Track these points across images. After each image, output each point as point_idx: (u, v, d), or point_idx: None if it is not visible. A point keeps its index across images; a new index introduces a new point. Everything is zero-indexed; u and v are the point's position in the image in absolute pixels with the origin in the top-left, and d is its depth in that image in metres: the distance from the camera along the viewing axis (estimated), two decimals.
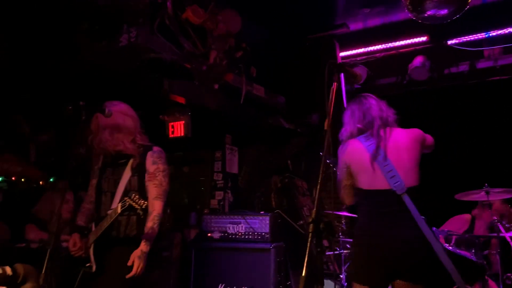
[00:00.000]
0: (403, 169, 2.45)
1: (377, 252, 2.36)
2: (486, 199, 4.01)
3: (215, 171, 5.63)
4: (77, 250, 2.91)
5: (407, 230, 2.35)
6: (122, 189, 2.89)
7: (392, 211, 2.40)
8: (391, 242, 2.35)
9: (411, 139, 2.55)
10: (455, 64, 5.35)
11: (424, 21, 4.28)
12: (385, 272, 2.37)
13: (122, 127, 2.95)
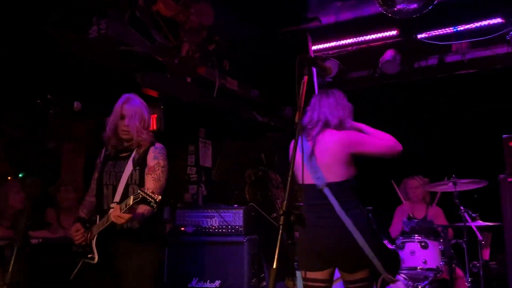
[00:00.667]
0: (325, 167, 2.66)
1: (309, 242, 2.63)
2: (453, 190, 4.12)
3: (188, 165, 5.60)
4: (80, 237, 2.94)
5: (330, 221, 2.58)
6: (124, 182, 2.93)
7: (317, 204, 2.65)
8: (318, 232, 2.61)
9: (335, 142, 2.70)
10: (425, 58, 5.44)
11: (394, 15, 4.34)
12: (321, 259, 2.64)
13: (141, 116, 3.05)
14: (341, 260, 2.61)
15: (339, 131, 2.75)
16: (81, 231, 2.97)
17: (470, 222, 4.04)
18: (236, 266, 4.32)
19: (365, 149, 2.74)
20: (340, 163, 2.67)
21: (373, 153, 2.76)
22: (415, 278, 4.07)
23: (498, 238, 4.18)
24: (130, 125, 3.00)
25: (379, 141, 2.79)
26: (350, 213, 2.56)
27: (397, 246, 4.14)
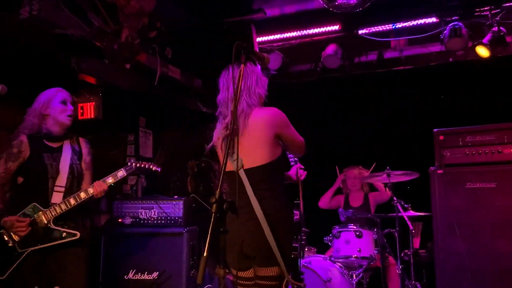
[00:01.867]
0: (244, 149, 2.35)
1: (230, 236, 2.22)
2: (387, 181, 4.28)
3: (127, 155, 5.45)
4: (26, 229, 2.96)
5: (244, 211, 2.31)
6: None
7: (235, 192, 2.34)
8: (236, 225, 2.31)
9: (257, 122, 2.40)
10: (365, 53, 5.59)
11: (335, 9, 4.42)
12: (242, 257, 2.36)
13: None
14: (255, 253, 2.33)
15: (262, 108, 2.47)
16: (26, 221, 2.93)
17: (402, 212, 4.21)
18: (175, 257, 4.27)
19: (289, 133, 2.47)
20: (262, 145, 2.37)
21: (293, 141, 2.52)
22: (350, 267, 4.19)
23: (428, 227, 4.40)
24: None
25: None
26: (264, 203, 2.30)
27: (333, 235, 4.25)
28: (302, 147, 2.63)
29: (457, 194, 4.12)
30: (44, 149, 3.08)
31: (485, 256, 3.97)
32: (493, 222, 3.99)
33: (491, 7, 4.78)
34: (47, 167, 3.03)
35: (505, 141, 4.07)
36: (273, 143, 2.41)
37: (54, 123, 3.12)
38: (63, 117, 3.14)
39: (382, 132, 5.70)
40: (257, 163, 2.37)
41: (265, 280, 2.33)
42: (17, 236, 2.94)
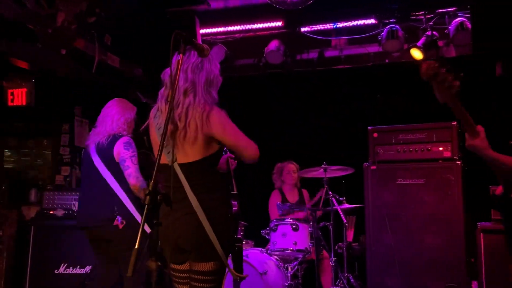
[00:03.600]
0: (179, 143, 2.28)
1: (164, 229, 2.22)
2: (324, 176, 4.39)
3: (62, 145, 5.23)
4: None
5: (180, 206, 2.23)
6: None
7: (170, 186, 2.27)
8: (170, 219, 2.25)
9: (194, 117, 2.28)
10: (307, 51, 5.69)
11: (279, 5, 4.48)
12: (177, 250, 2.31)
13: None
14: (191, 248, 2.27)
15: (204, 104, 2.32)
16: None
17: (337, 206, 4.34)
18: None
19: (226, 135, 2.33)
20: (194, 141, 2.27)
21: (232, 145, 2.39)
22: (286, 259, 4.27)
23: (362, 221, 4.57)
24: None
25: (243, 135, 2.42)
26: (201, 197, 2.24)
27: (271, 228, 4.31)
28: (248, 152, 2.40)
29: (389, 189, 4.32)
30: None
31: (413, 249, 4.18)
32: (421, 217, 4.21)
33: (425, 12, 5.02)
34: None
35: (434, 139, 4.30)
36: (207, 141, 2.30)
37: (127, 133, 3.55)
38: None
39: (320, 128, 5.84)
40: (190, 158, 2.28)
41: (200, 275, 2.29)
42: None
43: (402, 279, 4.15)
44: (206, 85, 2.39)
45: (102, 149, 3.31)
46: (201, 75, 2.38)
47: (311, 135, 5.84)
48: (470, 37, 4.72)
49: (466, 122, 2.06)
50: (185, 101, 2.32)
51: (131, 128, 3.58)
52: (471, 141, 2.08)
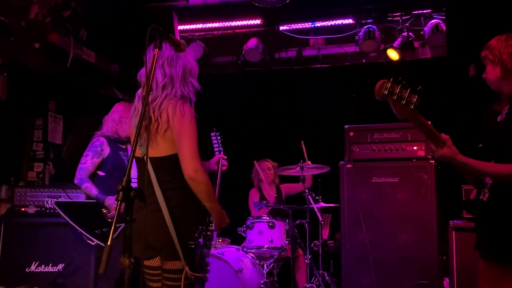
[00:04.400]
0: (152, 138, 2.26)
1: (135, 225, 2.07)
2: (300, 174, 4.41)
3: (34, 141, 5.12)
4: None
5: (149, 200, 2.16)
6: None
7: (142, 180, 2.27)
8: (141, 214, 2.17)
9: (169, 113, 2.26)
10: (285, 49, 5.72)
11: (258, 3, 4.48)
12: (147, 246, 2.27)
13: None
14: (160, 246, 2.25)
15: (178, 100, 2.30)
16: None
17: (313, 204, 4.36)
18: (83, 248, 4.08)
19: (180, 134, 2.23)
20: (164, 136, 2.25)
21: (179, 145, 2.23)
22: (262, 257, 4.28)
23: (337, 219, 4.61)
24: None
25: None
26: (168, 194, 2.22)
27: (247, 226, 4.31)
28: (185, 165, 2.22)
29: (364, 188, 4.36)
30: (118, 148, 3.77)
31: (387, 246, 4.23)
32: (395, 215, 4.26)
33: (402, 13, 5.10)
34: (125, 161, 3.72)
35: (409, 139, 4.36)
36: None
37: (123, 132, 3.75)
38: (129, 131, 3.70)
39: (298, 126, 5.87)
40: (161, 153, 2.26)
41: (169, 273, 2.27)
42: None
43: (376, 276, 4.19)
44: (183, 77, 2.38)
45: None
46: (178, 67, 2.37)
47: (287, 133, 5.86)
48: (445, 39, 4.82)
49: (429, 134, 2.05)
50: (162, 94, 2.31)
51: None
52: (439, 152, 2.08)
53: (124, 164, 3.71)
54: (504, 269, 2.11)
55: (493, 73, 2.19)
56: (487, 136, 2.24)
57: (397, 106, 1.93)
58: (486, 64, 2.23)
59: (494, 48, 2.18)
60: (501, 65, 2.15)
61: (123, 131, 3.75)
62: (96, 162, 3.67)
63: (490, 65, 2.20)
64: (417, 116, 1.97)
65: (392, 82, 1.91)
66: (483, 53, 2.24)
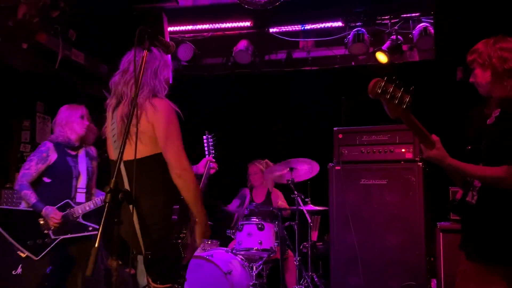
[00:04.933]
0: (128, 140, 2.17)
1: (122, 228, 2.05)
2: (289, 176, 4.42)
3: (22, 142, 5.06)
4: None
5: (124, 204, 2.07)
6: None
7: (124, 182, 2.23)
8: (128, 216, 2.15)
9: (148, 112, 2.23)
10: (275, 51, 5.73)
11: (247, 5, 4.48)
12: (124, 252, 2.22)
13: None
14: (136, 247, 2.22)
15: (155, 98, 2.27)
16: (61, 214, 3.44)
17: (302, 206, 4.38)
18: None
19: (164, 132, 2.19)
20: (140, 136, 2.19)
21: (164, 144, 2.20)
22: (251, 259, 4.28)
23: (326, 220, 4.62)
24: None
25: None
26: (139, 201, 2.16)
27: (236, 228, 4.31)
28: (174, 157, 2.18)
29: (352, 190, 4.39)
30: (66, 154, 3.56)
31: (375, 248, 4.26)
32: (383, 217, 4.30)
33: (390, 16, 5.14)
34: (72, 169, 3.54)
35: (397, 141, 4.40)
36: (153, 137, 2.21)
37: (73, 133, 3.57)
38: (79, 129, 3.58)
39: (287, 128, 5.88)
40: (132, 156, 2.11)
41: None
42: (51, 224, 3.40)
43: (365, 277, 4.22)
44: (153, 76, 2.34)
45: None
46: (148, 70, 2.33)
47: (277, 135, 5.87)
48: (433, 42, 4.86)
49: (420, 135, 2.07)
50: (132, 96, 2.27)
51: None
52: (428, 153, 2.10)
53: (71, 171, 3.53)
54: (492, 270, 2.13)
55: (483, 76, 2.19)
56: (476, 139, 2.26)
57: (390, 105, 1.95)
58: (474, 68, 2.22)
59: (482, 52, 2.18)
60: (491, 68, 2.15)
61: (72, 134, 3.56)
62: (40, 168, 3.46)
63: (480, 69, 2.20)
64: (408, 116, 1.99)
65: (386, 81, 1.92)
66: (470, 57, 2.24)
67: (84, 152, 3.67)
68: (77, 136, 3.58)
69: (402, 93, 1.93)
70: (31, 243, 3.38)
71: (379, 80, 1.92)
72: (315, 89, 5.63)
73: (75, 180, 3.55)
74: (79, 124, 3.59)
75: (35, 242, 3.38)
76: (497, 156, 2.11)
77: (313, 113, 5.70)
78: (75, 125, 3.57)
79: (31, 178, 3.45)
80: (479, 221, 2.19)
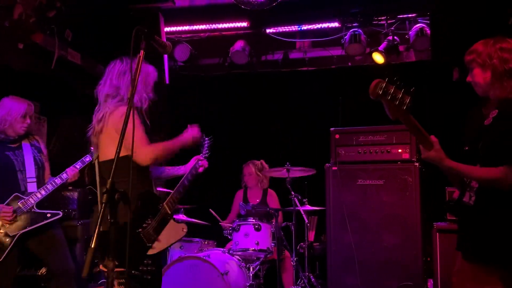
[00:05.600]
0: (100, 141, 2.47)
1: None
2: (286, 176, 4.42)
3: None
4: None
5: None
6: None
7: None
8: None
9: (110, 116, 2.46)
10: (271, 52, 5.73)
11: (244, 5, 4.48)
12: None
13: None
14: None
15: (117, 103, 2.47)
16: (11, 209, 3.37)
17: (299, 206, 4.38)
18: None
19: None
20: (108, 138, 2.39)
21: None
22: (248, 259, 4.27)
23: (323, 221, 4.63)
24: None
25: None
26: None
27: (233, 228, 4.30)
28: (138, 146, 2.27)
29: (349, 190, 4.39)
30: (6, 149, 3.45)
31: (372, 248, 4.27)
32: (380, 217, 4.30)
33: (387, 17, 5.15)
34: (14, 162, 3.43)
35: (394, 141, 4.41)
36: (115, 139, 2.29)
37: (12, 131, 3.45)
38: (19, 128, 3.48)
39: (285, 128, 5.88)
40: (103, 157, 2.36)
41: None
42: (4, 222, 3.32)
43: (362, 278, 4.23)
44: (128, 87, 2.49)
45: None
46: (125, 79, 2.54)
47: (274, 135, 5.87)
48: (429, 43, 4.88)
49: (419, 136, 2.07)
50: (105, 104, 2.51)
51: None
52: (427, 154, 2.10)
53: (13, 165, 3.40)
54: (489, 270, 2.14)
55: (482, 77, 2.18)
56: (473, 140, 2.26)
57: (391, 106, 1.95)
58: (473, 68, 2.20)
59: (482, 52, 2.17)
60: (492, 69, 2.14)
61: (11, 128, 3.42)
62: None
63: (479, 69, 2.18)
64: (408, 117, 1.99)
65: (387, 82, 1.91)
66: (469, 57, 2.22)
67: (28, 144, 3.56)
68: (15, 133, 3.46)
69: (402, 94, 1.92)
70: None
71: (380, 81, 1.92)
72: (312, 89, 5.63)
73: (20, 173, 3.44)
74: (20, 123, 3.45)
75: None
76: (495, 156, 2.11)
77: (310, 113, 5.70)
78: (15, 123, 3.43)
79: None
80: (476, 222, 2.19)
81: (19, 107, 3.49)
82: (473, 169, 2.14)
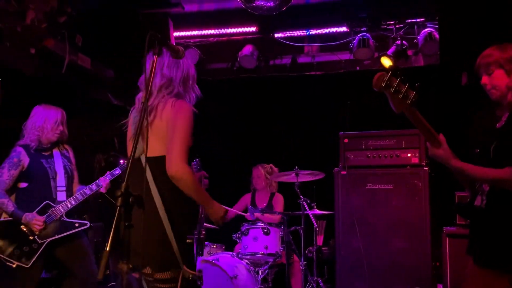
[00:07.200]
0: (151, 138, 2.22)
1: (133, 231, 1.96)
2: (295, 180, 4.43)
3: None
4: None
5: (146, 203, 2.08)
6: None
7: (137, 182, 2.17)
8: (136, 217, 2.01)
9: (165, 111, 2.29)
10: (280, 56, 5.76)
11: (253, 10, 4.50)
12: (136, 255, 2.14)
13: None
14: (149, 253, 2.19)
15: (177, 100, 2.32)
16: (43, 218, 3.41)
17: (308, 211, 4.38)
18: None
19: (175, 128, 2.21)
20: (161, 135, 2.25)
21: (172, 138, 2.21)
22: (257, 263, 4.27)
23: (332, 225, 4.63)
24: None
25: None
26: (166, 196, 2.21)
27: (242, 232, 4.31)
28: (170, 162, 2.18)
29: (358, 194, 4.39)
30: (40, 156, 3.51)
31: (381, 253, 4.26)
32: (389, 221, 4.30)
33: (395, 22, 5.16)
34: (47, 170, 3.49)
35: (403, 146, 4.40)
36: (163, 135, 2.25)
37: (45, 138, 3.52)
38: (52, 135, 3.54)
39: (292, 132, 5.89)
40: (154, 153, 2.23)
41: (160, 283, 2.25)
42: (35, 230, 3.38)
43: (370, 282, 4.22)
44: (183, 80, 2.40)
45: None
46: (178, 71, 2.40)
47: (283, 140, 5.88)
48: (438, 47, 4.88)
49: (426, 132, 2.07)
50: (159, 95, 2.34)
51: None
52: (434, 151, 2.10)
53: (47, 173, 3.47)
54: (500, 275, 2.13)
55: (506, 80, 2.16)
56: (485, 142, 2.26)
57: (394, 99, 1.94)
58: (493, 71, 2.18)
59: (505, 56, 2.15)
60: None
61: (45, 137, 3.50)
62: (14, 174, 3.38)
63: (502, 71, 2.16)
64: (414, 111, 1.98)
65: (391, 75, 1.91)
66: (485, 60, 2.20)
67: (59, 152, 3.60)
68: (48, 141, 3.52)
69: (407, 89, 1.92)
70: (18, 252, 3.33)
71: (384, 74, 1.91)
72: (320, 93, 5.64)
73: (52, 181, 3.49)
74: (53, 130, 3.51)
75: (21, 251, 3.34)
76: (508, 158, 2.11)
77: (318, 118, 5.71)
78: (48, 130, 3.50)
79: (6, 185, 3.36)
80: (488, 225, 2.19)
81: (55, 114, 3.57)
82: (480, 170, 2.14)
